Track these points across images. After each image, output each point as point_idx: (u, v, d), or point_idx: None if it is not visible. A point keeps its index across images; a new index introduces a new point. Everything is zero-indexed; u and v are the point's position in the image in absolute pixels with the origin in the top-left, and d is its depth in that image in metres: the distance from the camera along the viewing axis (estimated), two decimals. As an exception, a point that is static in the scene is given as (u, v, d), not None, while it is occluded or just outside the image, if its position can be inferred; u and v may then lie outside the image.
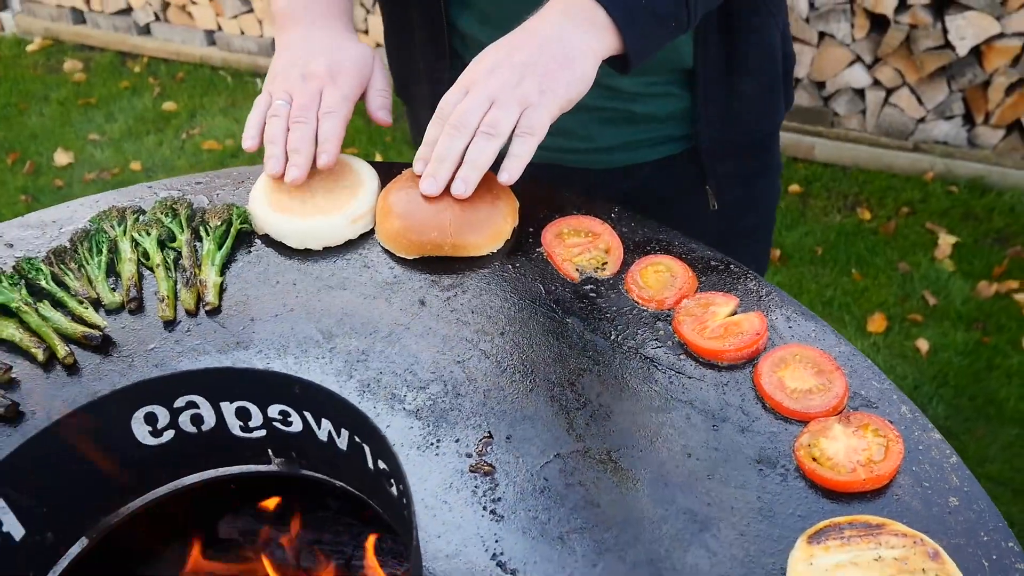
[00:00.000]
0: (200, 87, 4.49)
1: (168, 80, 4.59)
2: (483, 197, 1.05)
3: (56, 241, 1.08)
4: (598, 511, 0.78)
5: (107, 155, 4.03)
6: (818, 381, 0.86)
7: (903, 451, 0.79)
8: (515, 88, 0.94)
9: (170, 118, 4.29)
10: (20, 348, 0.94)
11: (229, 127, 4.16)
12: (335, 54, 1.11)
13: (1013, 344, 2.79)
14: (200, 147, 4.03)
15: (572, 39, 0.95)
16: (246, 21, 4.42)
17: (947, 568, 0.68)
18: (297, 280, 1.03)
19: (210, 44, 4.63)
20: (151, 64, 4.77)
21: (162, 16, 4.65)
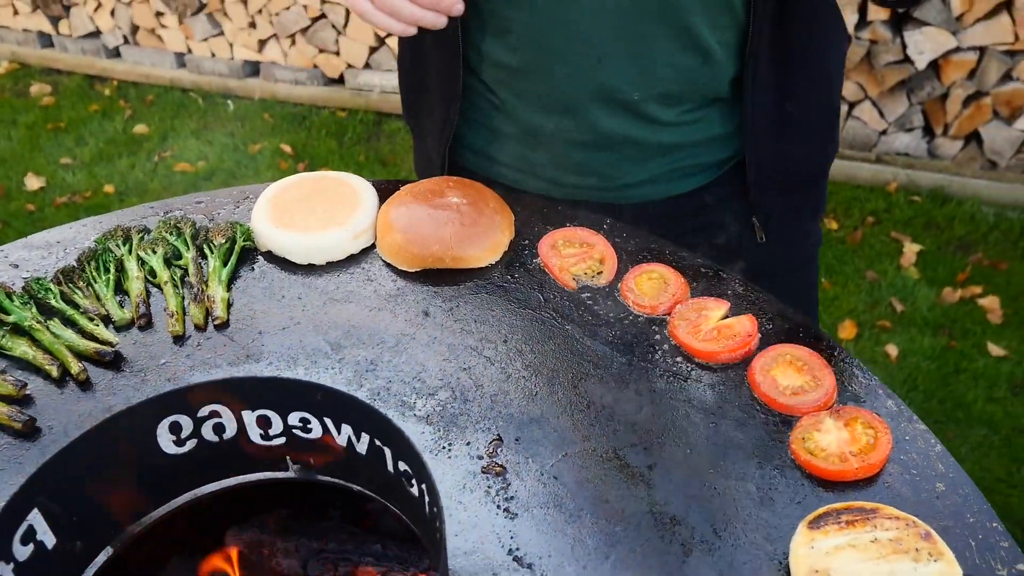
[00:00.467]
0: (171, 109, 4.49)
1: (138, 103, 4.58)
2: (481, 211, 1.09)
3: (62, 261, 1.10)
4: (607, 506, 0.81)
5: (79, 178, 4.01)
6: (809, 378, 0.90)
7: (891, 441, 0.84)
8: None
9: (142, 141, 4.28)
10: (34, 365, 0.96)
11: (201, 149, 4.16)
12: None
13: (979, 348, 2.88)
14: (173, 169, 4.03)
15: None
16: (216, 44, 4.44)
17: (939, 547, 0.72)
18: (302, 294, 1.06)
19: (180, 67, 4.63)
20: (121, 87, 4.75)
21: (131, 39, 4.65)
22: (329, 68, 4.30)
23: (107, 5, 4.56)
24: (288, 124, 4.30)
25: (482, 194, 1.12)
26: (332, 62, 4.27)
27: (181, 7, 4.37)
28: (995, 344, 2.92)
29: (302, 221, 1.10)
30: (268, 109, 4.41)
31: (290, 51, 4.31)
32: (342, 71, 4.29)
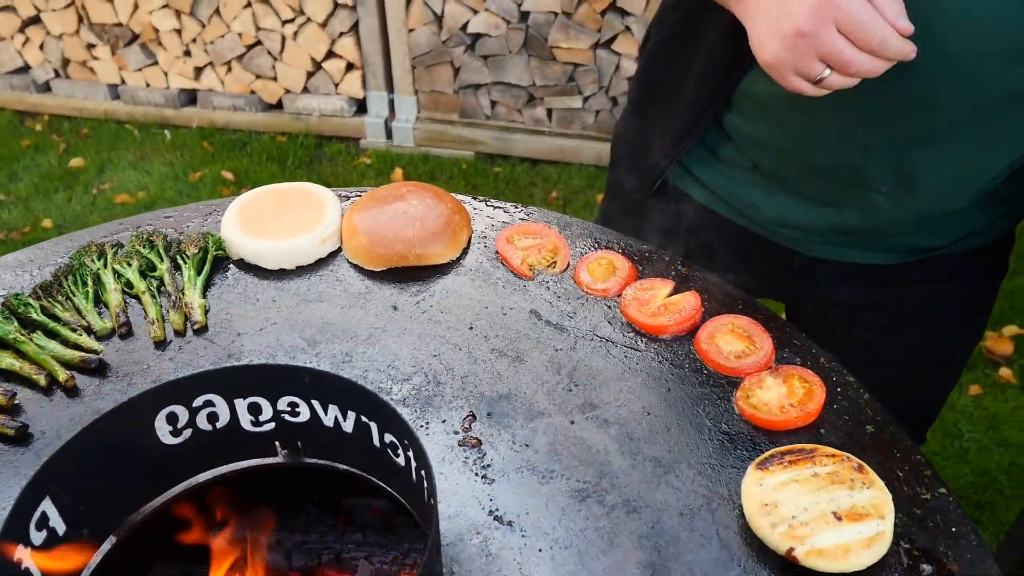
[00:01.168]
0: (107, 142, 4.46)
1: (73, 136, 4.54)
2: (441, 212, 1.16)
3: (38, 278, 1.14)
4: (576, 466, 0.89)
5: (15, 215, 3.96)
6: (749, 343, 1.00)
7: (825, 393, 0.93)
8: None
9: (78, 174, 4.24)
10: (20, 376, 1.00)
11: (140, 179, 4.15)
12: None
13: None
14: (112, 201, 4.01)
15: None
16: (151, 73, 4.43)
17: (871, 477, 0.82)
18: (276, 297, 1.12)
19: (114, 98, 4.61)
20: (52, 121, 4.71)
21: (62, 72, 4.61)
22: (267, 94, 4.33)
23: (35, 39, 4.52)
24: (228, 151, 4.31)
25: (439, 196, 1.20)
26: (270, 88, 4.30)
27: (113, 38, 4.36)
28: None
29: (271, 229, 1.16)
30: (207, 137, 4.41)
31: (227, 78, 4.33)
32: (280, 96, 4.32)
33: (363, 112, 4.29)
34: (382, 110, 4.23)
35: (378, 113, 4.24)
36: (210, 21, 4.15)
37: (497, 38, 3.80)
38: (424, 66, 4.01)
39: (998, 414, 2.78)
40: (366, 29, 3.98)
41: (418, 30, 3.90)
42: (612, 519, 0.84)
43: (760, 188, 1.19)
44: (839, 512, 0.79)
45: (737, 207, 1.23)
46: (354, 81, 4.17)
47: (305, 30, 4.05)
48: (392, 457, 0.83)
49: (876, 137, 1.03)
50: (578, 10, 3.68)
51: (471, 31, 3.81)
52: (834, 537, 0.77)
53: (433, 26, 3.88)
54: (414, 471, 0.80)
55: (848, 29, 0.84)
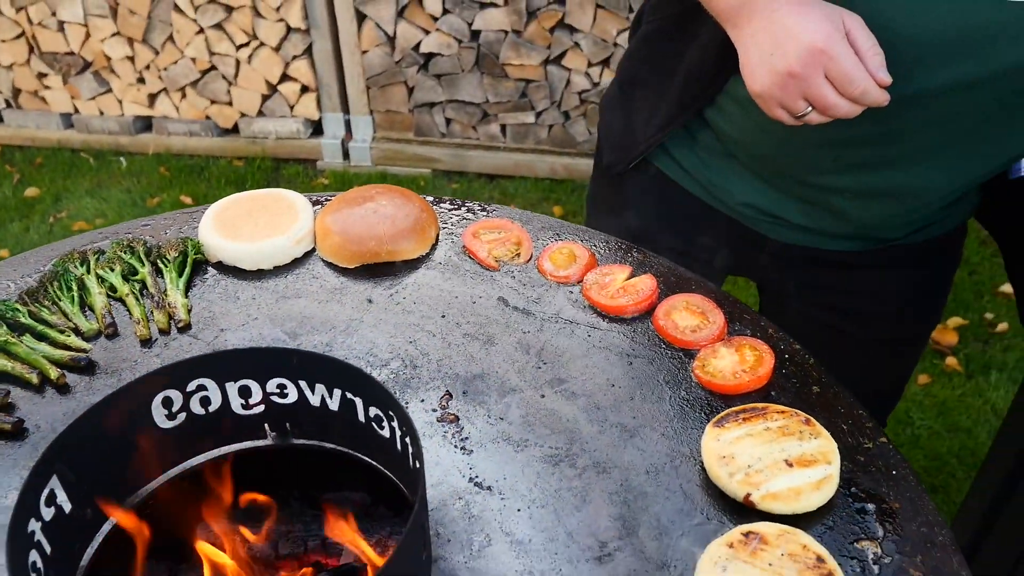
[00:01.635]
0: (62, 170, 4.45)
1: (26, 166, 4.52)
2: (409, 211, 1.23)
3: (18, 286, 1.18)
4: (548, 435, 0.96)
5: (-30, 246, 3.93)
6: (703, 319, 1.08)
7: (774, 359, 1.01)
8: None
9: (34, 204, 4.23)
10: (13, 376, 1.04)
11: (98, 207, 4.14)
12: (801, 37, 0.94)
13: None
14: (70, 229, 4.00)
15: None
16: (104, 101, 4.43)
17: (817, 429, 0.90)
18: (256, 295, 1.17)
19: (68, 127, 4.60)
20: (5, 152, 4.68)
21: (13, 103, 4.59)
22: (222, 118, 4.36)
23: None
24: (186, 176, 4.33)
25: (407, 196, 1.26)
26: (225, 112, 4.33)
27: (65, 67, 4.36)
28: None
29: (248, 232, 1.21)
30: (164, 163, 4.42)
31: (181, 104, 4.36)
32: (236, 120, 4.35)
33: (319, 134, 4.34)
34: (338, 131, 4.28)
35: (334, 134, 4.29)
36: (163, 48, 4.17)
37: (449, 57, 3.88)
38: (378, 86, 4.08)
39: (946, 401, 2.90)
40: (320, 52, 4.03)
41: (371, 51, 3.97)
42: (584, 480, 0.91)
43: (735, 176, 1.27)
44: (790, 459, 0.86)
45: (712, 191, 1.31)
46: (309, 103, 4.22)
47: (259, 54, 4.09)
48: (377, 430, 0.89)
49: (845, 155, 1.13)
50: (528, 28, 3.78)
51: (423, 51, 3.89)
52: (786, 482, 0.85)
53: (386, 47, 3.96)
54: (399, 440, 0.86)
55: (834, 77, 0.93)
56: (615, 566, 0.82)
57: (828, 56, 0.92)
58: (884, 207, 1.18)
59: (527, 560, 0.83)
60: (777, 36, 0.95)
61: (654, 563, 0.82)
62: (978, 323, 3.19)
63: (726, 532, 0.82)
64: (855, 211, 1.20)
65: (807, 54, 0.93)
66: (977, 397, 2.91)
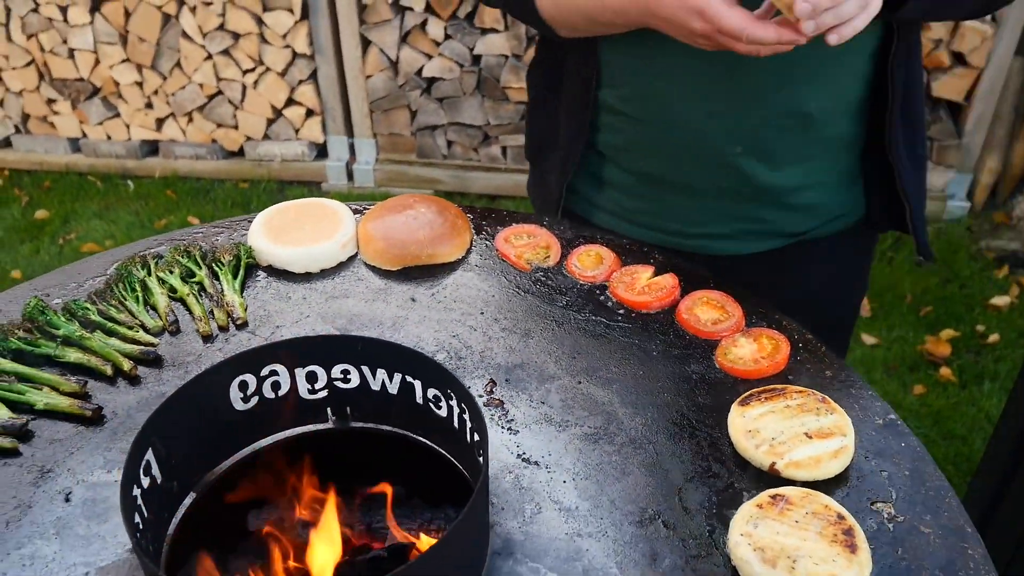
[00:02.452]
0: (70, 193, 4.53)
1: (35, 189, 4.60)
2: (446, 217, 1.33)
3: (82, 289, 1.27)
4: (586, 416, 1.05)
5: (-19, 267, 4.00)
6: (723, 312, 1.17)
7: (790, 347, 1.11)
8: None
9: (43, 225, 4.30)
10: (88, 368, 1.12)
11: (107, 228, 4.22)
12: None
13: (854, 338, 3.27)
14: (79, 250, 4.07)
15: None
16: (112, 126, 4.52)
17: (832, 406, 0.99)
18: (306, 295, 1.26)
19: (75, 151, 4.68)
20: (13, 176, 4.76)
21: (22, 128, 4.67)
22: (228, 142, 4.46)
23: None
24: (192, 198, 4.42)
25: (444, 205, 1.36)
26: (231, 136, 4.43)
27: (74, 93, 4.46)
28: (867, 334, 3.32)
29: (296, 238, 1.30)
30: (170, 185, 4.51)
31: (188, 128, 4.45)
32: (241, 143, 4.45)
33: (324, 156, 4.44)
34: (342, 153, 4.39)
35: (338, 156, 4.40)
36: (171, 73, 4.28)
37: (451, 81, 4.00)
38: (382, 110, 4.19)
39: (941, 410, 3.00)
40: (324, 77, 4.15)
41: (375, 76, 4.09)
42: (622, 454, 1.00)
43: (651, 200, 1.41)
44: (809, 432, 0.96)
45: (639, 223, 1.44)
46: (314, 126, 4.33)
47: (265, 79, 4.20)
48: (435, 411, 0.98)
49: (718, 106, 1.26)
50: (527, 52, 3.90)
51: (426, 75, 4.00)
52: (807, 451, 0.94)
53: (389, 72, 4.07)
54: (456, 417, 0.95)
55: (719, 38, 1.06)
56: (656, 528, 0.91)
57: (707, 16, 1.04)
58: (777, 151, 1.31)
59: (575, 524, 0.92)
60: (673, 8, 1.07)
61: (690, 524, 0.91)
62: (970, 335, 3.30)
63: (754, 497, 0.91)
64: (764, 173, 1.32)
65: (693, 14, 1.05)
66: (971, 406, 3.02)
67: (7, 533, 0.93)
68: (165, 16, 4.12)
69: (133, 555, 0.91)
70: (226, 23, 4.05)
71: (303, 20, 3.99)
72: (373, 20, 3.92)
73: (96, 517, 0.95)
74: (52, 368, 1.13)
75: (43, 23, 4.24)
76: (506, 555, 0.89)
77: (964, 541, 0.88)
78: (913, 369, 3.19)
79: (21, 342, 1.13)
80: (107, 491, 0.98)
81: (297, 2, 3.94)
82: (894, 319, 3.41)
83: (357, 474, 1.14)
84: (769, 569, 0.82)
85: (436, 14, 3.85)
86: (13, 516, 0.95)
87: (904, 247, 3.78)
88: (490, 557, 0.89)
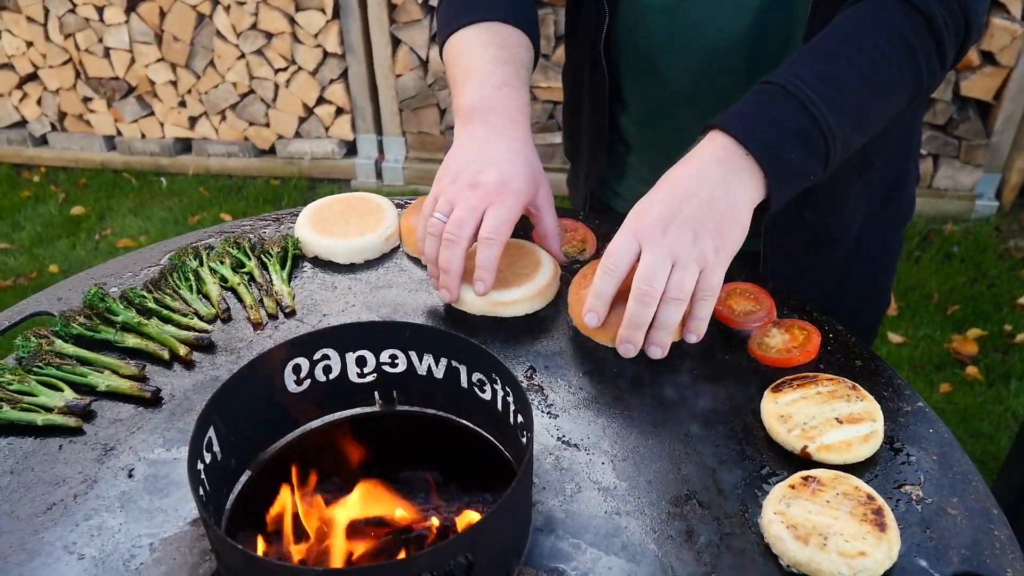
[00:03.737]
0: (105, 190, 4.63)
1: (71, 186, 4.70)
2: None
3: (137, 278, 1.33)
4: (622, 401, 1.09)
5: (21, 262, 4.10)
6: (755, 303, 1.21)
7: (820, 338, 1.14)
8: (692, 247, 0.99)
9: (79, 221, 4.40)
10: (146, 353, 1.18)
11: (141, 225, 4.31)
12: (510, 168, 1.12)
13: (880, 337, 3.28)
14: (115, 246, 4.17)
15: (735, 191, 1.00)
16: (146, 124, 4.62)
17: (862, 393, 1.03)
18: (351, 285, 1.31)
19: (110, 149, 4.79)
20: (49, 173, 4.86)
21: (59, 126, 4.78)
22: (260, 140, 4.53)
23: (33, 95, 4.70)
24: (224, 195, 4.50)
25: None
26: (263, 134, 4.50)
27: (110, 92, 4.55)
28: (894, 333, 3.33)
29: (341, 230, 1.35)
30: (203, 183, 4.59)
31: (221, 126, 4.53)
32: (273, 142, 4.52)
33: (353, 154, 4.51)
34: (372, 151, 4.45)
35: (368, 155, 4.46)
36: (205, 72, 4.36)
37: (481, 80, 4.04)
38: (411, 109, 4.25)
39: (968, 408, 3.01)
40: (355, 76, 4.21)
41: (405, 75, 4.14)
42: (659, 438, 1.03)
43: None
44: (840, 417, 0.99)
45: None
46: (344, 125, 4.39)
47: (297, 78, 4.27)
48: (479, 394, 1.02)
49: None
50: (555, 52, 3.94)
51: (456, 74, 4.05)
52: (838, 435, 0.97)
53: (419, 71, 4.13)
54: (500, 400, 0.99)
55: (486, 216, 1.13)
56: (692, 507, 0.95)
57: (506, 199, 1.11)
58: None
59: (614, 503, 0.96)
60: (488, 155, 1.13)
61: (725, 504, 0.95)
62: (997, 334, 3.30)
63: (786, 478, 0.95)
64: None
65: (498, 183, 1.11)
66: (998, 404, 3.02)
67: (75, 506, 0.99)
68: (199, 16, 4.20)
69: (193, 527, 0.96)
70: (259, 23, 4.12)
71: (334, 20, 4.05)
72: (403, 20, 3.98)
73: (158, 492, 1.01)
74: (111, 353, 1.18)
75: (80, 23, 4.33)
76: (548, 531, 0.93)
77: (990, 522, 0.91)
78: (940, 368, 3.20)
79: (82, 328, 1.19)
80: (167, 468, 1.04)
81: (329, 2, 4.00)
82: (921, 318, 3.42)
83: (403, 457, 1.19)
84: (801, 546, 0.85)
85: (466, 14, 3.89)
86: (80, 490, 1.01)
87: (931, 246, 3.78)
88: (532, 533, 0.93)
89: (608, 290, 1.07)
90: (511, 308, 1.21)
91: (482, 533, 0.83)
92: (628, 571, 0.88)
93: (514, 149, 1.14)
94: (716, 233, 1.00)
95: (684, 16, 1.27)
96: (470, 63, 1.20)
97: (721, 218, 1.00)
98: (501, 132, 1.14)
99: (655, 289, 1.01)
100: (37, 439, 1.07)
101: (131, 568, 0.92)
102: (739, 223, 1.01)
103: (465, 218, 1.09)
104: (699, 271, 1.01)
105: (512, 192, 1.11)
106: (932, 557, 0.87)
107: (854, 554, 0.84)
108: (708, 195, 1.00)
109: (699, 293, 1.03)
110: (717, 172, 1.00)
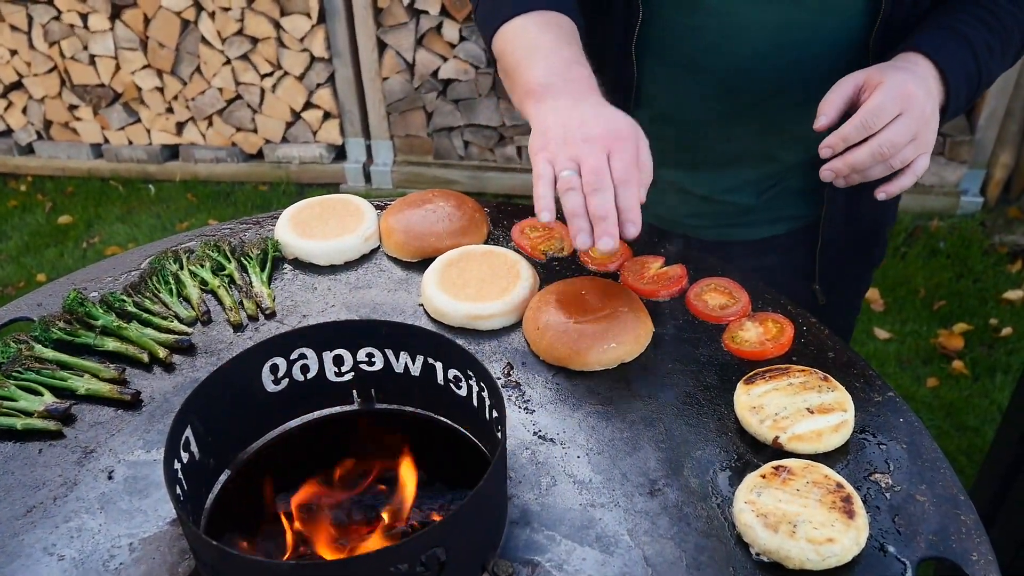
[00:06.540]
0: (93, 198, 4.62)
1: (58, 195, 4.70)
2: (464, 211, 1.38)
3: (117, 283, 1.33)
4: (598, 396, 1.10)
5: (8, 271, 4.09)
6: (730, 297, 1.22)
7: (793, 330, 1.16)
8: (925, 133, 1.14)
9: (67, 230, 4.39)
10: (126, 356, 1.19)
11: (129, 233, 4.31)
12: (611, 119, 1.11)
13: (867, 333, 3.30)
14: (103, 254, 4.16)
15: (935, 110, 1.17)
16: (133, 131, 4.61)
17: (833, 384, 1.04)
18: (331, 286, 1.32)
19: (97, 157, 4.78)
20: (36, 182, 4.85)
21: (44, 134, 4.77)
22: (247, 145, 4.54)
23: (18, 103, 4.69)
24: (212, 201, 4.50)
25: (461, 199, 1.41)
26: (250, 139, 4.51)
27: (95, 99, 4.55)
28: (880, 328, 3.35)
29: (320, 232, 1.36)
30: (191, 189, 4.59)
31: (208, 132, 4.53)
32: (260, 146, 4.53)
33: (342, 158, 4.51)
34: (360, 155, 4.46)
35: (356, 159, 4.46)
36: (191, 78, 4.36)
37: (467, 83, 4.06)
38: (398, 112, 4.25)
39: (954, 402, 3.03)
40: (342, 80, 4.22)
41: (391, 78, 4.15)
42: (633, 431, 1.05)
43: (673, 195, 1.48)
44: (811, 408, 1.01)
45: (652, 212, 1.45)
46: (332, 129, 4.40)
47: (284, 83, 4.28)
48: (455, 391, 1.03)
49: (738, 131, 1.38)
50: (542, 54, 3.95)
51: (442, 77, 4.07)
52: (809, 425, 0.99)
53: (405, 74, 4.14)
54: (475, 396, 1.00)
55: (614, 165, 1.07)
56: (664, 498, 0.96)
57: (623, 144, 1.07)
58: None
59: (589, 495, 0.97)
60: (585, 114, 1.10)
61: (698, 495, 0.96)
62: (983, 328, 3.32)
63: (758, 469, 0.96)
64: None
65: (609, 132, 1.08)
66: (983, 398, 3.04)
67: (55, 508, 0.99)
68: (184, 22, 4.20)
69: (173, 527, 0.97)
70: (244, 28, 4.12)
71: (320, 24, 4.06)
72: (389, 23, 3.99)
73: (137, 493, 1.01)
74: (91, 357, 1.19)
75: (64, 30, 4.33)
76: (523, 524, 0.94)
77: (957, 508, 0.92)
78: (926, 362, 3.22)
79: (62, 332, 1.19)
80: (146, 469, 1.04)
81: (314, 6, 4.01)
82: (907, 313, 3.44)
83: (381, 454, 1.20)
84: (771, 534, 0.87)
85: (451, 17, 3.91)
86: (60, 492, 1.01)
87: (917, 243, 3.80)
88: (508, 526, 0.94)
89: (853, 136, 1.12)
90: (487, 322, 1.22)
91: (455, 526, 0.84)
92: (602, 561, 0.89)
93: (603, 104, 1.13)
94: (931, 134, 1.16)
95: (733, 14, 1.26)
96: (533, 44, 1.20)
97: (933, 124, 1.17)
98: (584, 98, 1.13)
99: (896, 145, 1.12)
100: (17, 443, 1.08)
101: (111, 568, 0.92)
102: (934, 131, 1.18)
103: (599, 165, 1.05)
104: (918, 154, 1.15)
105: (625, 138, 1.09)
106: (900, 543, 0.89)
107: (822, 540, 0.85)
108: (931, 108, 1.16)
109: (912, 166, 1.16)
110: (929, 88, 1.17)
